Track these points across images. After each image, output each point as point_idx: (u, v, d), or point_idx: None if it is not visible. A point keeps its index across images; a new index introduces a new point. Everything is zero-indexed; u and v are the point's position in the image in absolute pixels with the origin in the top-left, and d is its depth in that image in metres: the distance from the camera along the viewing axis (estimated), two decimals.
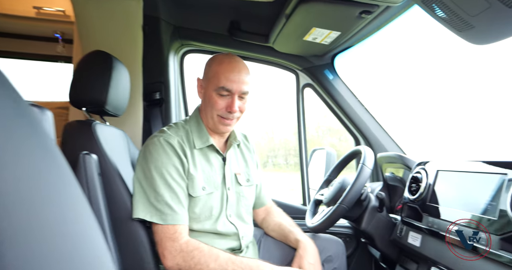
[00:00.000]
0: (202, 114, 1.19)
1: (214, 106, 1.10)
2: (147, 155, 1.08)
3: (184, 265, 0.97)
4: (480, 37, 1.00)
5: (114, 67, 1.27)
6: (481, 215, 0.84)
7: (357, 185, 1.27)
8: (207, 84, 1.13)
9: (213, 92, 1.10)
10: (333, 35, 1.44)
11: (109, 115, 1.34)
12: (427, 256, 1.04)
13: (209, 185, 1.13)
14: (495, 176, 0.84)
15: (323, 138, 14.03)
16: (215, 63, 1.12)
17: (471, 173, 0.93)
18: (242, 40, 1.77)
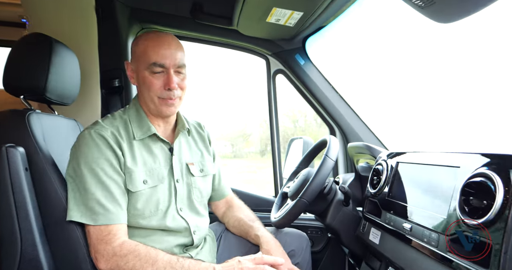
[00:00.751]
0: (141, 101, 1.08)
1: (151, 87, 1.00)
2: (77, 150, 0.98)
3: (116, 269, 0.89)
4: (442, 14, 0.92)
5: (54, 51, 1.16)
6: (434, 212, 0.75)
7: (318, 178, 1.18)
8: (137, 66, 1.02)
9: (145, 72, 0.99)
10: (296, 15, 1.32)
11: (56, 103, 1.23)
12: (384, 254, 0.96)
13: (152, 178, 1.03)
14: (450, 169, 0.74)
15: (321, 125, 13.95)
16: (141, 40, 1.02)
17: (427, 165, 0.84)
18: (206, 23, 1.65)
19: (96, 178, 0.94)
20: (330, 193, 1.29)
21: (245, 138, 14.80)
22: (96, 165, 0.95)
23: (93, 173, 0.94)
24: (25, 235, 0.94)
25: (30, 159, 1.01)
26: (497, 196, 0.57)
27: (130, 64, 1.06)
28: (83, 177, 0.94)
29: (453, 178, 0.71)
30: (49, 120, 1.19)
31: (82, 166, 0.95)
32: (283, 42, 1.71)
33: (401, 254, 0.86)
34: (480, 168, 0.65)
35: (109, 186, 0.95)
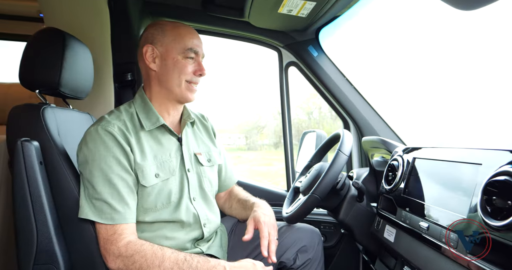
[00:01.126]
0: (153, 90, 1.07)
1: (183, 70, 1.01)
2: (83, 149, 0.97)
3: (126, 269, 0.89)
4: (465, 1, 0.85)
5: (68, 46, 1.17)
6: (453, 212, 0.71)
7: (330, 173, 1.15)
8: (167, 49, 1.01)
9: (178, 56, 1.01)
10: (308, 6, 1.28)
11: (70, 97, 1.25)
12: (400, 253, 0.93)
13: (164, 171, 1.02)
14: (471, 166, 0.70)
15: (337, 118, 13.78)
16: (168, 27, 1.03)
17: (446, 161, 0.80)
18: (218, 15, 1.62)
19: (103, 176, 0.93)
20: (343, 188, 1.27)
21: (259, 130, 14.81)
22: (104, 163, 0.94)
23: (101, 171, 0.94)
24: (41, 227, 0.96)
25: (44, 152, 1.02)
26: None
27: (152, 48, 1.02)
28: (91, 175, 0.94)
29: (474, 175, 0.67)
30: (64, 115, 1.20)
31: (89, 163, 0.95)
32: (296, 33, 1.67)
33: (417, 253, 0.83)
34: (504, 165, 0.61)
35: (117, 184, 0.94)
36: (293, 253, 1.21)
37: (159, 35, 1.03)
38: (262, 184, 1.91)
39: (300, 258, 1.21)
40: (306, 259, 1.21)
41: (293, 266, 1.21)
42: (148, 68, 1.05)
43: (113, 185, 0.93)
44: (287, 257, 1.20)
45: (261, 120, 14.15)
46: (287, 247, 1.21)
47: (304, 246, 1.21)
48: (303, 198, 1.32)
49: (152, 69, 1.04)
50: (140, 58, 1.07)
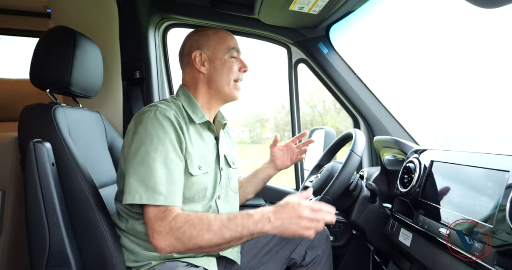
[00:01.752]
0: (198, 91, 1.10)
1: (231, 69, 1.08)
2: (140, 131, 0.94)
3: (177, 243, 0.87)
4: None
5: (78, 45, 1.16)
6: (477, 220, 0.69)
7: (343, 175, 1.13)
8: (214, 52, 1.08)
9: (225, 56, 1.08)
10: (320, 3, 1.25)
11: (79, 96, 1.24)
12: (417, 258, 0.91)
13: (204, 164, 1.05)
14: (496, 172, 0.68)
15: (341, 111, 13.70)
16: (211, 31, 1.11)
17: (469, 166, 0.78)
18: (226, 12, 1.59)
19: (161, 158, 0.92)
20: (355, 189, 1.25)
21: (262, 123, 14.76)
22: (162, 145, 0.92)
23: (158, 153, 0.92)
24: (53, 229, 0.96)
25: (56, 154, 1.01)
26: None
27: (201, 52, 1.08)
28: (147, 155, 0.91)
29: (501, 183, 0.65)
30: (74, 114, 1.20)
31: (146, 145, 0.92)
32: (306, 30, 1.64)
33: (436, 259, 0.82)
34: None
35: (172, 167, 0.93)
36: (303, 250, 1.25)
37: (203, 40, 1.09)
38: (270, 182, 1.89)
39: (309, 254, 1.25)
40: (315, 256, 1.25)
41: (302, 263, 1.26)
42: (196, 72, 1.09)
43: (169, 168, 0.92)
44: (297, 254, 1.25)
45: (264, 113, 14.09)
46: (297, 244, 1.25)
47: (313, 242, 1.25)
48: (314, 198, 1.31)
49: (201, 72, 1.08)
50: (186, 65, 1.11)
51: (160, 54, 1.77)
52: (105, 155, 1.36)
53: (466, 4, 0.91)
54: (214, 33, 1.10)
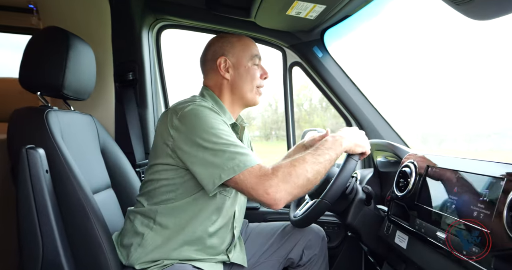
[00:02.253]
0: (222, 96, 1.12)
1: (254, 76, 1.11)
2: (195, 120, 0.93)
3: (290, 186, 0.88)
4: (479, 11, 0.86)
5: (71, 46, 1.13)
6: (474, 225, 0.72)
7: (340, 179, 1.14)
8: (238, 59, 1.10)
9: (248, 63, 1.11)
10: (318, 9, 1.26)
11: (72, 99, 1.21)
12: (414, 261, 0.94)
13: None
14: (492, 179, 0.71)
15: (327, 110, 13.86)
16: (235, 38, 1.13)
17: (464, 172, 0.81)
18: (222, 15, 1.59)
19: (224, 136, 0.92)
20: (351, 192, 1.27)
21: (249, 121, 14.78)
22: (221, 126, 0.95)
23: (223, 131, 0.93)
24: (47, 239, 0.93)
25: (50, 160, 0.99)
26: None
27: (225, 59, 1.10)
28: (217, 138, 0.91)
29: (497, 189, 0.68)
30: (67, 117, 1.17)
31: (208, 130, 0.92)
32: (301, 34, 1.65)
33: (433, 262, 0.84)
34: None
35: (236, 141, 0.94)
36: (300, 250, 1.27)
37: (228, 47, 1.11)
38: None
39: (306, 254, 1.28)
40: (312, 255, 1.28)
41: (299, 262, 1.28)
42: (220, 78, 1.11)
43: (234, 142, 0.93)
44: (294, 254, 1.27)
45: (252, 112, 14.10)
46: (294, 244, 1.28)
47: (309, 241, 1.28)
48: (311, 202, 1.32)
49: (225, 78, 1.10)
50: (210, 70, 1.13)
51: (154, 56, 1.75)
52: (98, 159, 1.33)
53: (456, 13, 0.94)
54: (238, 40, 1.12)
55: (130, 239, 1.03)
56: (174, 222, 1.00)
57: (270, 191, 0.86)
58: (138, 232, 1.01)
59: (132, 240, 1.02)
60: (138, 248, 1.00)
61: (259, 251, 1.28)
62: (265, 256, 1.27)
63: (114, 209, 1.29)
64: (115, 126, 1.62)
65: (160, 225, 1.00)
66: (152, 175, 1.02)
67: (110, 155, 1.39)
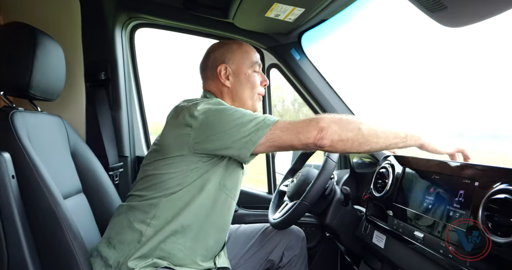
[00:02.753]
0: (223, 99, 1.10)
1: (255, 83, 1.12)
2: (214, 114, 0.93)
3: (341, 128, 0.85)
4: (452, 19, 0.90)
5: (39, 43, 1.06)
6: (449, 224, 0.75)
7: (320, 181, 1.16)
8: (238, 66, 1.10)
9: (249, 70, 1.11)
10: (297, 11, 1.27)
11: (39, 99, 1.14)
12: (391, 259, 0.97)
13: None
14: (467, 181, 0.74)
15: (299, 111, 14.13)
16: (235, 45, 1.13)
17: (440, 174, 0.84)
18: (200, 15, 1.56)
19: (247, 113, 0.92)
20: (330, 193, 1.29)
21: None
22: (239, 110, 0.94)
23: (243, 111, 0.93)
24: (13, 250, 0.87)
25: (16, 165, 0.92)
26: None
27: (226, 66, 1.10)
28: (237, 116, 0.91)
29: (471, 191, 0.71)
30: (34, 119, 1.10)
31: (232, 114, 0.91)
32: (279, 36, 1.66)
33: (411, 261, 0.87)
34: (501, 183, 0.65)
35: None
36: (280, 251, 1.28)
37: (228, 54, 1.10)
38: (243, 187, 1.89)
39: (286, 255, 1.29)
40: (292, 256, 1.29)
41: (280, 264, 1.29)
42: (221, 85, 1.11)
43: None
44: (275, 255, 1.27)
45: None
46: (274, 245, 1.28)
47: (290, 242, 1.29)
48: (290, 203, 1.33)
49: (226, 86, 1.10)
50: (211, 77, 1.12)
51: (128, 55, 1.69)
52: (68, 163, 1.26)
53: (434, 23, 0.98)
54: (238, 47, 1.12)
55: (124, 236, 0.97)
56: (173, 214, 0.96)
57: (324, 128, 0.84)
58: (135, 229, 0.96)
59: (127, 237, 0.96)
60: (137, 245, 0.95)
61: (239, 253, 1.27)
62: (246, 257, 1.27)
63: (86, 215, 1.23)
64: (86, 128, 1.54)
65: (159, 219, 0.96)
66: (158, 170, 0.98)
67: (81, 158, 1.32)
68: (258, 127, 0.88)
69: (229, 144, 0.89)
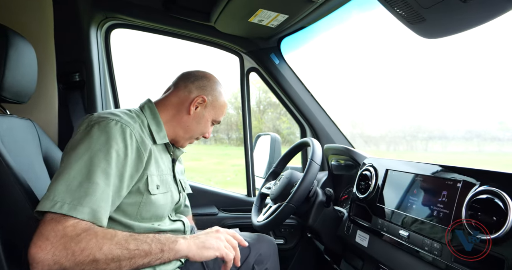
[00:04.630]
0: (165, 116, 1.04)
1: (204, 132, 1.11)
2: (93, 137, 0.82)
3: (63, 254, 0.68)
4: (430, 30, 0.97)
5: (12, 44, 1.00)
6: (434, 223, 0.81)
7: (305, 183, 1.20)
8: (209, 110, 1.09)
9: (209, 121, 1.10)
10: (280, 18, 1.30)
11: (10, 102, 1.07)
12: (375, 257, 1.02)
13: (163, 184, 0.99)
14: (448, 181, 0.81)
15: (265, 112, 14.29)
16: (223, 96, 1.12)
17: (423, 175, 0.90)
18: (179, 17, 1.54)
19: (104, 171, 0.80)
20: (313, 195, 1.33)
21: None
22: (110, 158, 0.81)
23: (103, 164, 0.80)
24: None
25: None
26: (510, 213, 0.63)
27: (205, 100, 1.06)
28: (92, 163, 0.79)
29: (455, 191, 0.77)
30: (3, 123, 1.03)
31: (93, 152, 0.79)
32: (259, 40, 1.68)
33: (395, 258, 0.92)
34: (483, 185, 0.71)
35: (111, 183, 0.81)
36: (250, 264, 1.19)
37: (216, 94, 1.09)
38: (222, 189, 1.89)
39: (257, 269, 1.20)
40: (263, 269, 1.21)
41: None
42: (184, 108, 1.06)
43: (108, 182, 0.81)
44: (244, 269, 1.18)
45: None
46: (244, 258, 1.19)
47: (260, 255, 1.21)
48: (274, 206, 1.35)
49: (188, 113, 1.06)
50: (181, 94, 1.06)
51: (103, 56, 1.62)
52: (41, 168, 1.20)
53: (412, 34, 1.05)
54: (223, 98, 1.12)
55: None
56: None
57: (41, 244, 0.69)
58: None
59: None
60: None
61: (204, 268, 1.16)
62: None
63: None
64: (58, 132, 1.46)
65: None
66: None
67: (54, 164, 1.26)
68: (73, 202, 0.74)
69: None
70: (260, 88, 12.28)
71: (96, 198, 0.77)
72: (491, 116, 2.22)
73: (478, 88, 2.04)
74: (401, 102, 2.94)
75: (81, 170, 0.78)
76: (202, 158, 10.85)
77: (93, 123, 0.85)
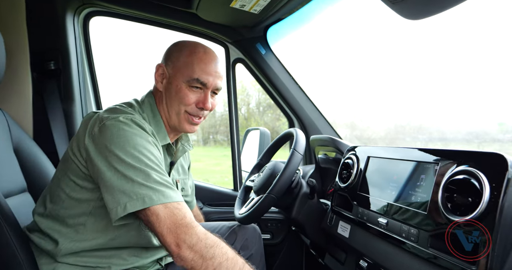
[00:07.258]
0: (160, 106, 0.97)
1: (183, 100, 0.94)
2: (115, 138, 0.79)
3: (199, 263, 0.73)
4: (412, 10, 0.93)
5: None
6: (413, 208, 0.76)
7: (287, 173, 1.15)
8: (174, 74, 0.94)
9: (183, 84, 0.93)
10: (262, 2, 1.26)
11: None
12: (356, 248, 0.97)
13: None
14: (427, 165, 0.76)
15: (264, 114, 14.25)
16: (186, 50, 0.95)
17: (402, 160, 0.86)
18: (160, 3, 1.49)
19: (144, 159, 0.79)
20: (296, 186, 1.28)
21: None
22: (147, 150, 0.81)
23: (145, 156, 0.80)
24: None
25: None
26: (484, 193, 0.59)
27: (163, 68, 0.96)
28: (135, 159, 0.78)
29: (432, 174, 0.73)
30: None
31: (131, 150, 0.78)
32: (244, 30, 1.63)
33: (374, 248, 0.88)
34: (460, 165, 0.67)
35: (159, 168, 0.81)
36: (236, 250, 1.18)
37: (174, 57, 0.95)
38: (208, 183, 1.84)
39: (243, 255, 1.19)
40: (249, 255, 1.23)
41: None
42: (158, 88, 0.98)
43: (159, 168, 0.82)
44: None
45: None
46: (230, 244, 1.20)
47: (245, 240, 1.22)
48: (256, 197, 1.30)
49: (158, 89, 0.97)
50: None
51: (81, 44, 1.57)
52: (10, 159, 1.14)
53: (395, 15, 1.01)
54: (188, 53, 0.94)
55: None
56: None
57: (182, 245, 0.73)
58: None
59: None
60: None
61: None
62: None
63: (30, 215, 1.11)
64: (33, 122, 1.41)
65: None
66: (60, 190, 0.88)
67: (26, 155, 1.20)
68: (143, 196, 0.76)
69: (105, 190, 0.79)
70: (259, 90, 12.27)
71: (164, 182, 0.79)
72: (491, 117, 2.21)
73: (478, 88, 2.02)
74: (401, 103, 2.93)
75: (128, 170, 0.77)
76: (201, 159, 10.81)
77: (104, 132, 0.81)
